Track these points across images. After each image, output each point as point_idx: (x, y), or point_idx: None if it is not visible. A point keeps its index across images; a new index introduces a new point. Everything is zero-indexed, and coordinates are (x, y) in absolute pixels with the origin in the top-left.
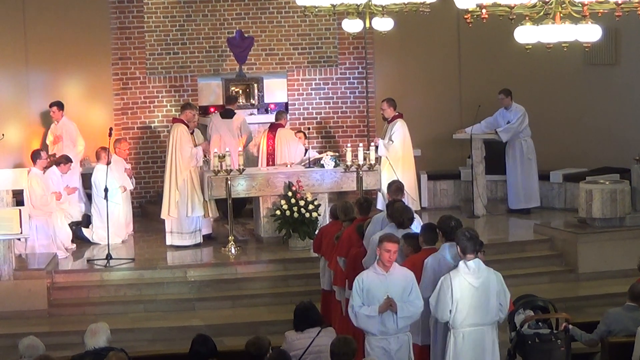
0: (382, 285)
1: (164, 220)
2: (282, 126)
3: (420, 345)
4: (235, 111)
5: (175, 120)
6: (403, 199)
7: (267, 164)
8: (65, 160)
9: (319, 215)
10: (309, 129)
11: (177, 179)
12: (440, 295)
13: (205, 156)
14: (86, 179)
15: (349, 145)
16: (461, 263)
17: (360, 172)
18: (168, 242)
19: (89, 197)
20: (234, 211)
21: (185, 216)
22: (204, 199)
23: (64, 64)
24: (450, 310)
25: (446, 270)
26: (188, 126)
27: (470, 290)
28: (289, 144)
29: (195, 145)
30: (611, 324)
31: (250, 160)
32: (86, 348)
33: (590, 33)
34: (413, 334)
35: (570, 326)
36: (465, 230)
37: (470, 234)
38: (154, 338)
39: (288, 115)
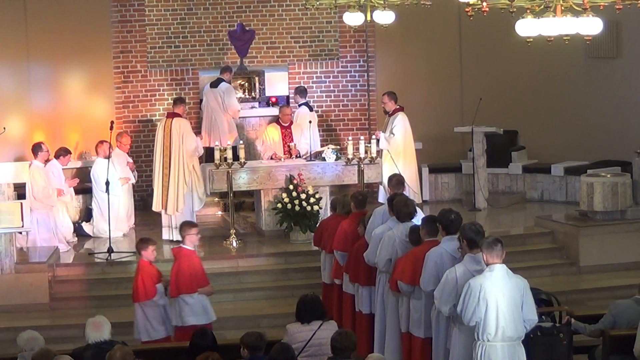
0: None
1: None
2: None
3: (422, 338)
4: (225, 80)
5: (174, 115)
6: (404, 192)
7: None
8: (65, 152)
9: (320, 208)
10: (310, 122)
11: (184, 173)
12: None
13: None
14: (86, 172)
15: (350, 138)
16: (487, 270)
17: (362, 165)
18: (169, 238)
19: (89, 190)
20: None
21: (191, 210)
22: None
23: (65, 57)
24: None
25: (448, 264)
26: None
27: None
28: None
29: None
30: (618, 314)
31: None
32: (88, 341)
33: (591, 26)
34: (415, 327)
35: (573, 320)
36: (472, 224)
37: (477, 229)
38: None
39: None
